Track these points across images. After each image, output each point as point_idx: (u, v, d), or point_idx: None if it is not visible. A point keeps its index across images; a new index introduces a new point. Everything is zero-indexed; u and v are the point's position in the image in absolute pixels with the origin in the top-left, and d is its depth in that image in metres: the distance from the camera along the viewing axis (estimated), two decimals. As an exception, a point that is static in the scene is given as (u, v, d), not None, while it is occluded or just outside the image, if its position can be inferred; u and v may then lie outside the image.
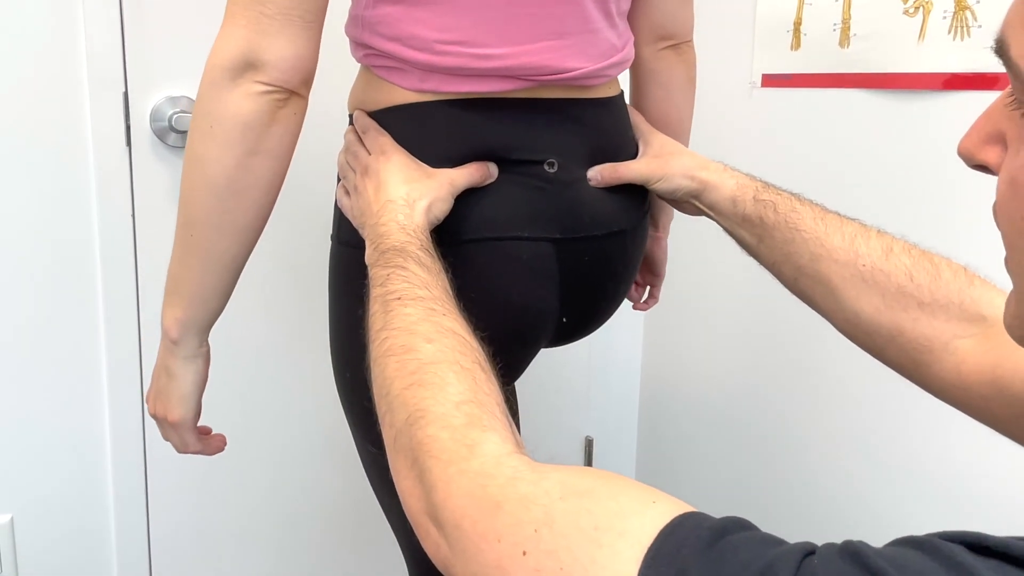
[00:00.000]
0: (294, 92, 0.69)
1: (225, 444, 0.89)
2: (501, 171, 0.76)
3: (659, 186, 0.82)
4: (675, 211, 0.94)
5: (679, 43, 0.91)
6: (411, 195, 0.71)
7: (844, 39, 1.32)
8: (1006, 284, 0.44)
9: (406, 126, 0.76)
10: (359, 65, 0.84)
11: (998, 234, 0.41)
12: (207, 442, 0.86)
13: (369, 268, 0.67)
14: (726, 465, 1.63)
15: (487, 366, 0.58)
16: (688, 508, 0.41)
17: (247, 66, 0.65)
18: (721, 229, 0.83)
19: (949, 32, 1.17)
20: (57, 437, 1.33)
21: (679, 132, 0.94)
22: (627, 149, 0.85)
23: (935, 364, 0.66)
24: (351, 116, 0.84)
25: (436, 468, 0.50)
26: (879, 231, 0.72)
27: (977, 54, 1.14)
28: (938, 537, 0.35)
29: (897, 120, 1.26)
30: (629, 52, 0.84)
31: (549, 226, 0.77)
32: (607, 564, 0.39)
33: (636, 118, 0.89)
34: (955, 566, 0.33)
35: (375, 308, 0.63)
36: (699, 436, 1.70)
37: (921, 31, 1.20)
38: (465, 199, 0.74)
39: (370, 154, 0.76)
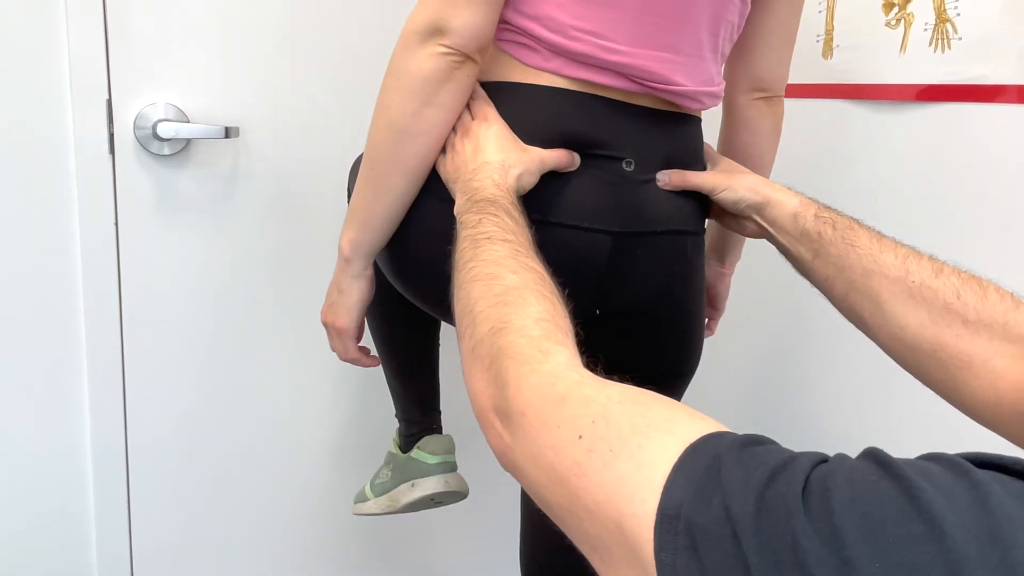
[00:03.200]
0: (469, 57, 0.78)
1: (377, 364, 1.04)
2: (582, 162, 0.82)
3: (723, 196, 0.87)
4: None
5: (772, 96, 1.00)
6: (506, 161, 0.78)
7: (827, 50, 1.34)
8: None
9: (513, 101, 0.83)
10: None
11: (974, 240, 0.43)
12: (364, 353, 0.99)
13: (458, 216, 0.75)
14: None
15: (563, 302, 0.64)
16: (730, 430, 0.45)
17: (435, 31, 0.76)
18: (777, 249, 0.86)
19: (930, 44, 1.18)
20: (37, 449, 1.31)
21: (760, 174, 0.99)
22: (696, 165, 0.91)
23: (973, 381, 0.67)
24: None
25: (512, 368, 0.55)
26: (931, 256, 0.75)
27: (958, 66, 1.15)
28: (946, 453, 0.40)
29: (880, 130, 1.28)
30: (722, 89, 0.92)
31: (611, 219, 0.83)
32: (652, 448, 0.44)
33: (707, 146, 0.96)
34: (955, 466, 0.37)
35: (464, 245, 0.70)
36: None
37: (903, 43, 1.22)
38: (542, 181, 0.80)
39: (473, 119, 0.83)
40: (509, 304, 0.61)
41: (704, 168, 0.92)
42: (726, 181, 0.88)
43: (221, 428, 1.44)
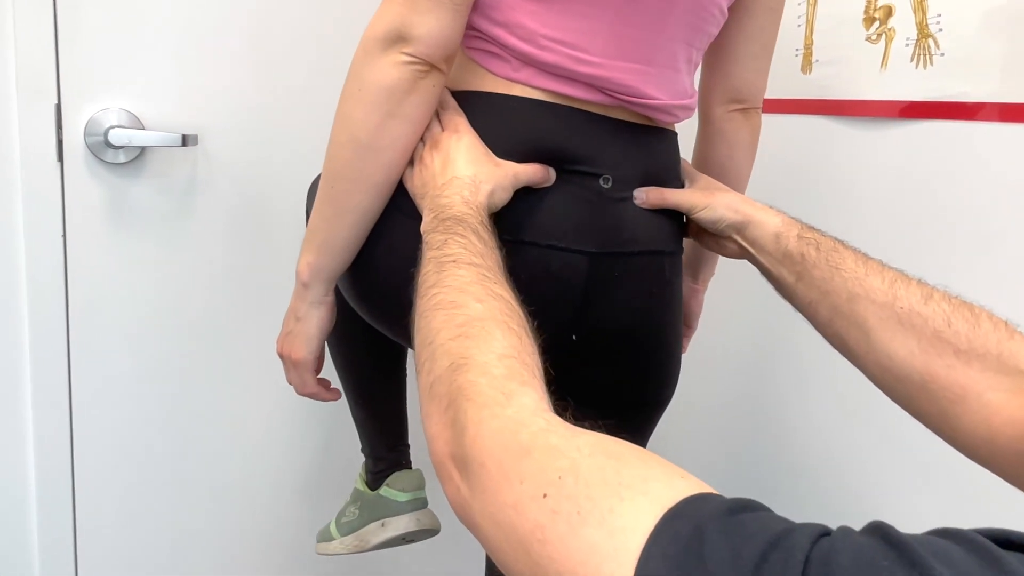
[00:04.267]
0: (435, 66, 0.74)
1: (338, 398, 0.97)
2: (557, 177, 0.78)
3: (703, 215, 0.83)
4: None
5: (748, 108, 0.97)
6: (478, 176, 0.74)
7: (806, 65, 1.32)
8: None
9: (483, 112, 0.79)
10: None
11: (956, 259, 0.39)
12: (323, 388, 0.93)
13: (424, 235, 0.70)
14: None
15: (532, 335, 0.59)
16: (714, 491, 0.42)
17: (398, 38, 0.72)
18: (758, 271, 0.83)
19: (912, 60, 1.17)
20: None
21: (736, 189, 0.96)
22: (674, 182, 0.87)
23: (965, 416, 0.64)
24: None
25: (471, 410, 0.51)
26: (920, 280, 0.71)
27: (940, 82, 1.14)
28: (964, 530, 0.36)
29: (860, 147, 1.26)
30: (695, 102, 0.89)
31: (587, 239, 0.79)
32: (625, 514, 0.39)
33: (684, 162, 0.92)
34: (979, 550, 0.33)
35: (428, 268, 0.65)
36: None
37: (884, 58, 1.20)
38: (515, 198, 0.76)
39: (443, 130, 0.78)
40: (471, 337, 0.56)
41: (681, 185, 0.88)
42: (705, 199, 0.84)
43: (173, 457, 1.36)
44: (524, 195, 0.77)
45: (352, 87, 0.75)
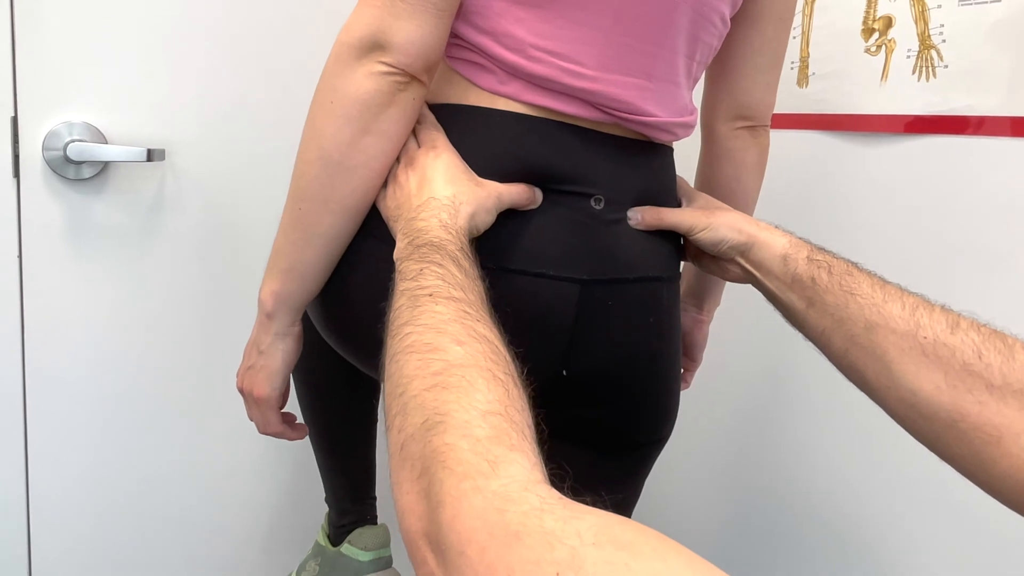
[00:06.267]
0: (415, 77, 0.68)
1: (304, 436, 0.88)
2: (545, 198, 0.72)
3: (703, 236, 0.77)
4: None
5: (756, 126, 0.91)
6: (457, 197, 0.67)
7: (802, 78, 1.27)
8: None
9: (465, 128, 0.73)
10: None
11: (961, 279, 0.32)
12: (290, 425, 0.85)
13: (398, 263, 0.63)
14: (702, 519, 1.54)
15: (520, 383, 0.52)
16: None
17: (374, 46, 0.66)
18: (764, 297, 0.77)
19: (913, 72, 1.12)
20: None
21: (746, 212, 0.91)
22: (671, 202, 0.82)
23: (1003, 460, 0.58)
24: None
25: (448, 481, 0.43)
26: (944, 307, 0.65)
27: (943, 95, 1.09)
28: None
29: (859, 163, 1.21)
30: (695, 119, 0.83)
31: (579, 266, 0.72)
32: None
33: (681, 180, 0.86)
34: None
35: (401, 302, 0.58)
36: (673, 492, 1.60)
37: (884, 71, 1.15)
38: (499, 222, 0.70)
39: (420, 147, 0.72)
40: (450, 388, 0.48)
41: (679, 205, 0.83)
42: (706, 219, 0.78)
43: (131, 496, 1.28)
44: (509, 218, 0.70)
45: (323, 98, 0.69)
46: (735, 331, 1.33)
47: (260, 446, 1.33)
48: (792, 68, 1.28)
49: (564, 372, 0.74)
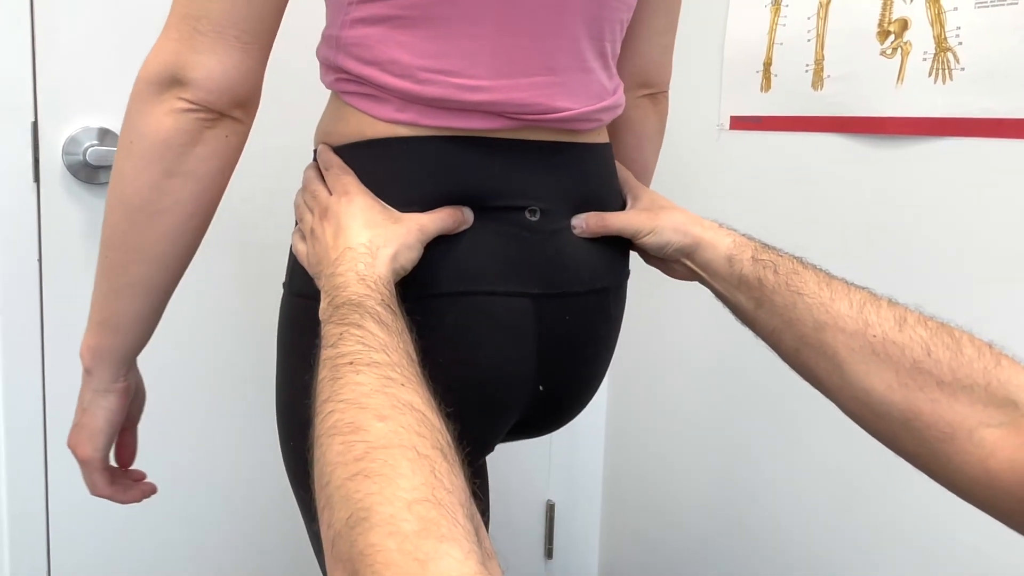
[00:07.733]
0: (224, 114, 0.64)
1: (146, 496, 0.81)
2: (477, 217, 0.69)
3: (648, 240, 0.75)
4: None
5: (656, 92, 0.89)
6: (374, 242, 0.63)
7: (817, 81, 1.27)
8: None
9: (374, 164, 0.69)
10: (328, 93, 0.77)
11: (978, 287, 0.31)
12: (122, 488, 0.78)
13: (322, 325, 0.60)
14: (695, 529, 1.53)
15: (450, 452, 0.49)
16: None
17: (172, 81, 0.62)
18: (714, 296, 0.76)
19: (930, 75, 1.11)
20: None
21: (643, 181, 0.90)
22: (614, 201, 0.79)
23: (957, 456, 0.57)
24: (315, 152, 0.76)
25: None
26: (890, 301, 0.65)
27: (961, 98, 1.08)
28: None
29: (873, 166, 1.20)
30: (620, 98, 0.79)
31: (527, 280, 0.70)
32: None
33: (624, 172, 0.84)
34: None
35: (323, 374, 0.55)
36: (667, 501, 1.59)
37: (900, 73, 1.15)
38: (434, 248, 0.67)
39: (331, 195, 0.69)
40: (372, 476, 0.45)
41: (623, 202, 0.80)
42: (651, 222, 0.75)
43: (149, 504, 1.28)
44: (447, 242, 0.67)
45: (124, 139, 0.64)
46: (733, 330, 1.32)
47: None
48: (807, 71, 1.27)
49: (541, 388, 0.74)
